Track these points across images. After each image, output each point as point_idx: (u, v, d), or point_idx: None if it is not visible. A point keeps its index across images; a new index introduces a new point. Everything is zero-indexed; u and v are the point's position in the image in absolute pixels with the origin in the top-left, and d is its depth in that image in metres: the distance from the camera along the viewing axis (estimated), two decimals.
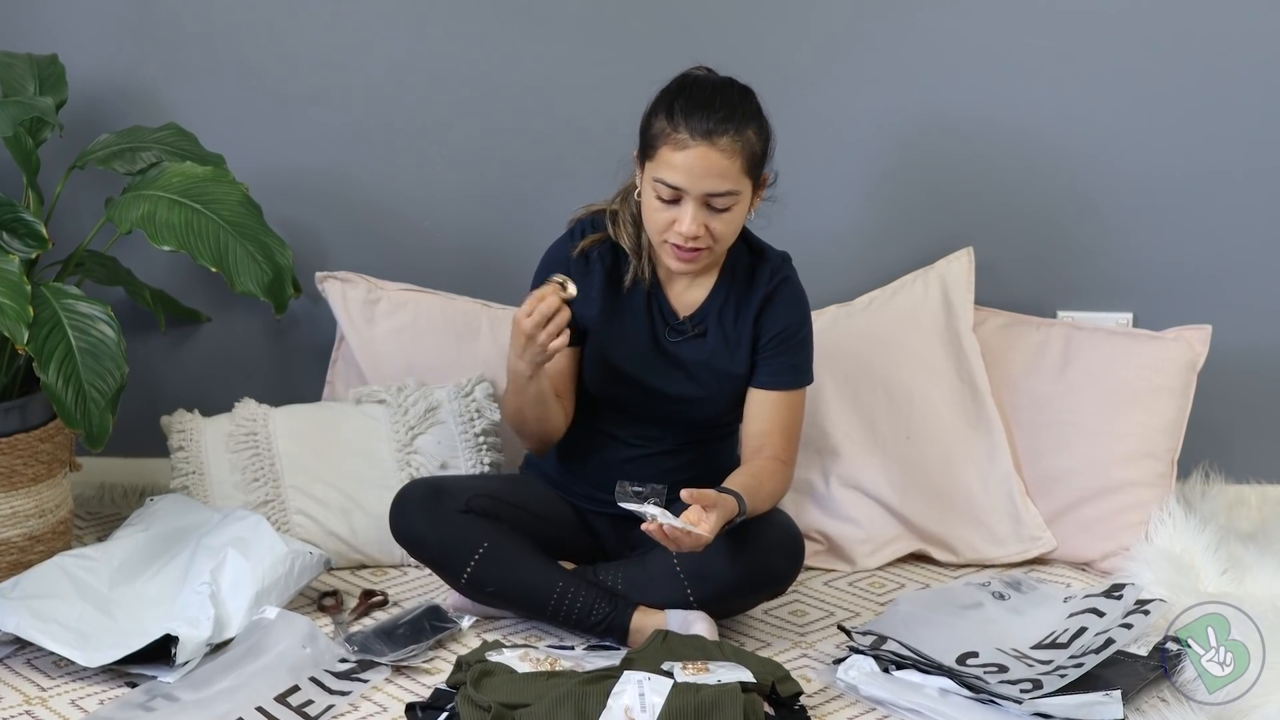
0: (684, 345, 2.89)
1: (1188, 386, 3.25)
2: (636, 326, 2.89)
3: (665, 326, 2.89)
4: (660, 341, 2.89)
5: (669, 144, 2.70)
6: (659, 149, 2.71)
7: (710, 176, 2.69)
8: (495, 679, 2.52)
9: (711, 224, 2.73)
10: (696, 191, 2.70)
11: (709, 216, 2.72)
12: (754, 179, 2.76)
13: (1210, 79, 3.32)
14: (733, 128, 2.70)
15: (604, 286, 2.88)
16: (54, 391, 2.85)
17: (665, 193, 2.71)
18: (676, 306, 2.90)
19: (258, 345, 3.49)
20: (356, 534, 3.15)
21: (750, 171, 2.74)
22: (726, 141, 2.69)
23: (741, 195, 2.74)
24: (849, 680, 2.67)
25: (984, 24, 3.31)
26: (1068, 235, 3.39)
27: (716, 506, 2.62)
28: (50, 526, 3.09)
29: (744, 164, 2.71)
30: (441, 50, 3.37)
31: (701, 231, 2.72)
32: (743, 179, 2.72)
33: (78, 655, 2.68)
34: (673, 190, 2.71)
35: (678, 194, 2.71)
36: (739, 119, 2.71)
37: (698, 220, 2.71)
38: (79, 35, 3.36)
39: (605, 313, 2.88)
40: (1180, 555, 3.07)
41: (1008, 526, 3.22)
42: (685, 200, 2.71)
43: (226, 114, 3.38)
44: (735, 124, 2.70)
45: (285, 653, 2.72)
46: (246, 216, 3.08)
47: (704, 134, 2.68)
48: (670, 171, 2.70)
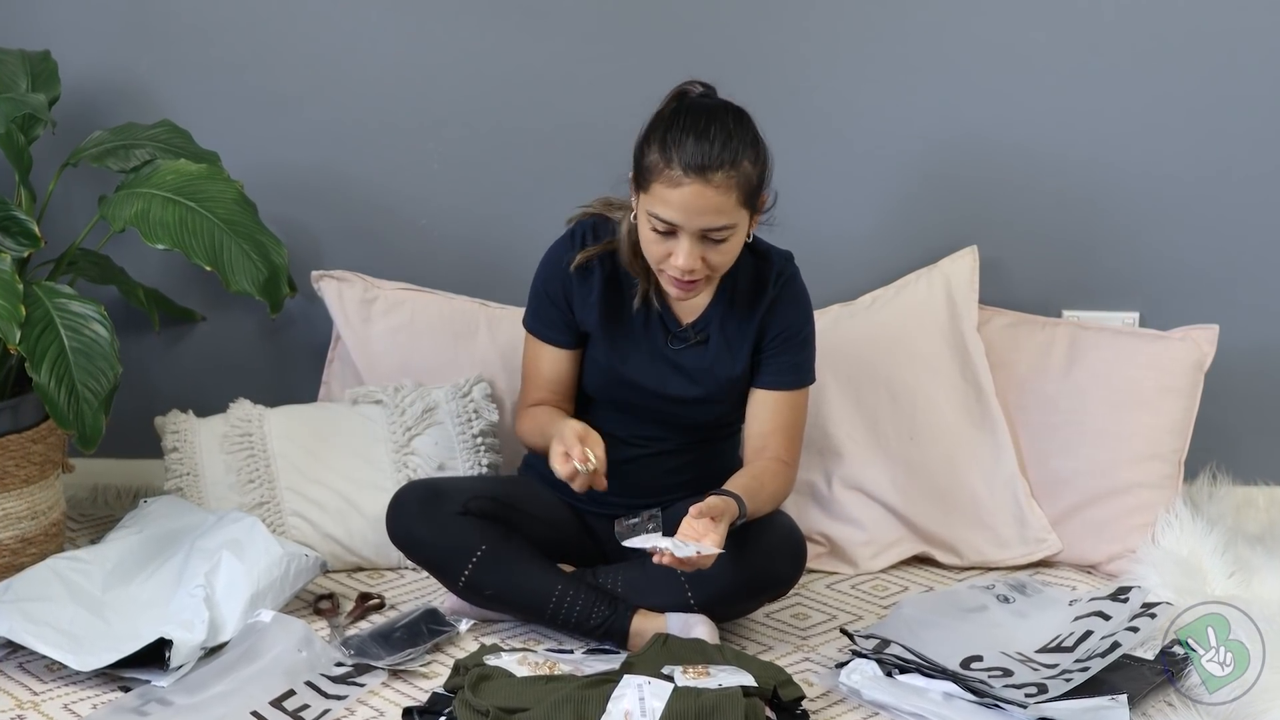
0: (685, 353, 2.88)
1: (1195, 387, 3.25)
2: (638, 333, 2.88)
3: (667, 334, 2.89)
4: (662, 349, 2.88)
5: (662, 180, 2.68)
6: (653, 183, 2.69)
7: (705, 214, 2.67)
8: (493, 683, 2.52)
9: (708, 256, 2.72)
10: (692, 228, 2.68)
11: (705, 249, 2.71)
12: (751, 207, 2.74)
13: (1217, 77, 3.31)
14: (727, 161, 2.66)
15: (603, 292, 2.87)
16: (46, 392, 2.84)
17: (661, 225, 2.70)
18: (679, 314, 2.89)
19: (253, 345, 3.49)
20: (353, 536, 3.14)
21: (747, 202, 2.72)
22: (721, 177, 2.66)
23: (738, 227, 2.72)
24: (852, 684, 2.67)
25: (987, 21, 3.31)
26: (1073, 233, 3.39)
27: (723, 516, 2.63)
28: (42, 528, 3.09)
29: (739, 197, 2.69)
30: (439, 46, 3.37)
31: (698, 264, 2.71)
32: (738, 211, 2.70)
33: (70, 659, 2.68)
34: (668, 224, 2.70)
35: (673, 228, 2.70)
36: (733, 151, 2.67)
37: (693, 254, 2.70)
38: (72, 31, 3.36)
39: (605, 318, 2.88)
40: (1187, 558, 3.06)
41: (1012, 529, 3.22)
42: (681, 234, 2.70)
43: (221, 111, 3.38)
44: (730, 157, 2.66)
45: (281, 656, 2.71)
46: (241, 215, 3.08)
47: (698, 170, 2.65)
48: (664, 208, 2.68)
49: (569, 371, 2.91)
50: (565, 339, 2.89)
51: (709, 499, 2.65)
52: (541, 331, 2.91)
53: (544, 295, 2.90)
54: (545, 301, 2.90)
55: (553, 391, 2.93)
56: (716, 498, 2.66)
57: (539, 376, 2.92)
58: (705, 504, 2.62)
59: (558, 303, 2.88)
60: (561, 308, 2.88)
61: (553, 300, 2.89)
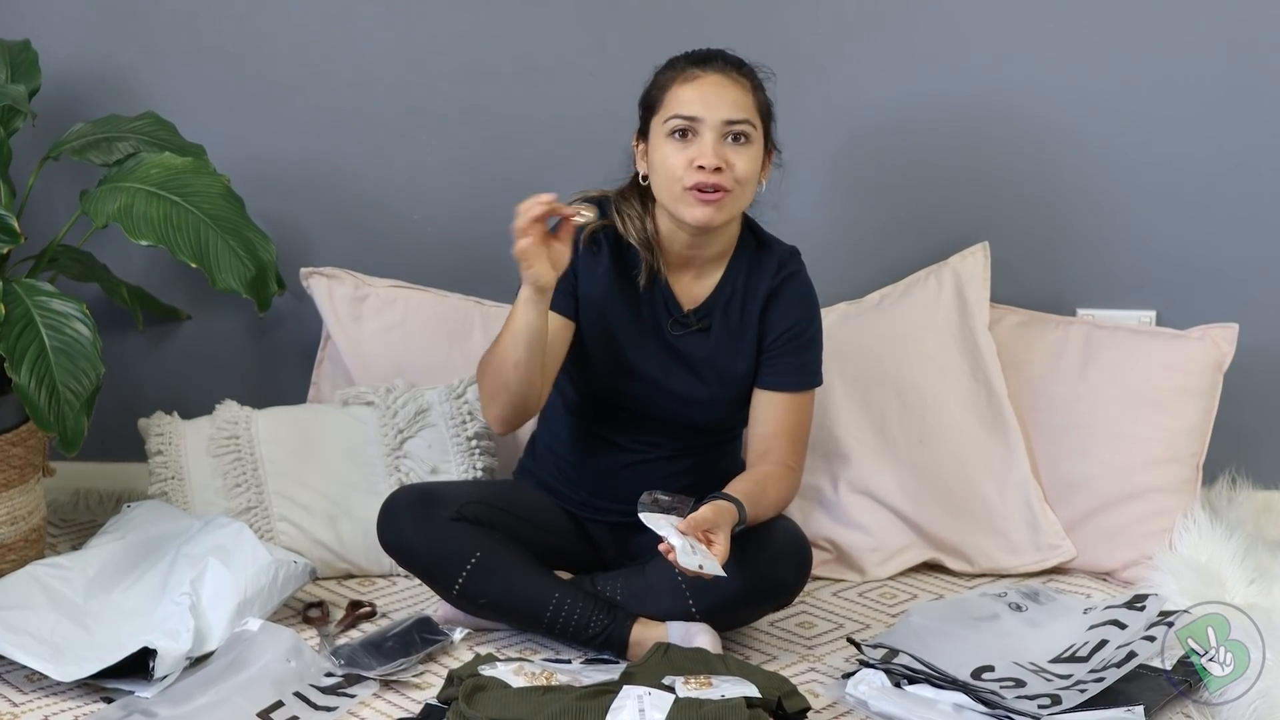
0: (687, 339, 2.89)
1: (1214, 388, 3.25)
2: (640, 317, 2.89)
3: (669, 319, 2.89)
4: (663, 334, 2.89)
5: (679, 81, 2.79)
6: (669, 92, 2.79)
7: (725, 103, 2.77)
8: (488, 694, 2.52)
9: (731, 158, 2.76)
10: (714, 119, 2.76)
11: (728, 150, 2.76)
12: (765, 127, 2.82)
13: (1235, 67, 3.32)
14: (741, 67, 2.82)
15: (611, 266, 2.89)
16: (26, 393, 2.84)
17: (680, 125, 2.77)
18: (682, 299, 2.90)
19: (240, 344, 3.50)
20: (343, 542, 3.14)
21: (762, 113, 2.81)
22: (736, 74, 2.80)
23: (757, 134, 2.80)
24: (859, 695, 2.67)
25: (999, 13, 3.32)
26: (1087, 229, 3.39)
27: (718, 528, 2.63)
28: (22, 534, 3.09)
29: (755, 102, 2.80)
30: (431, 35, 3.37)
31: (722, 164, 2.75)
32: (756, 116, 2.80)
33: (51, 669, 2.69)
34: (688, 121, 2.76)
35: (694, 125, 2.76)
36: (747, 67, 2.83)
37: (718, 151, 2.75)
38: (52, 20, 3.36)
39: (609, 298, 2.89)
40: (1206, 564, 3.07)
41: (1025, 534, 3.22)
42: (702, 131, 2.76)
43: (207, 102, 3.39)
44: (743, 65, 2.83)
45: (269, 666, 2.72)
46: (228, 210, 3.08)
47: (717, 68, 2.79)
48: (684, 105, 2.77)
49: (559, 343, 2.86)
50: (562, 304, 2.86)
51: (701, 511, 2.64)
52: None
53: None
54: None
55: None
56: (708, 508, 2.65)
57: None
58: (696, 518, 2.62)
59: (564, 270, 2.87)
60: (567, 275, 2.86)
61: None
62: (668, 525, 2.60)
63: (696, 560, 2.57)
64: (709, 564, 2.58)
